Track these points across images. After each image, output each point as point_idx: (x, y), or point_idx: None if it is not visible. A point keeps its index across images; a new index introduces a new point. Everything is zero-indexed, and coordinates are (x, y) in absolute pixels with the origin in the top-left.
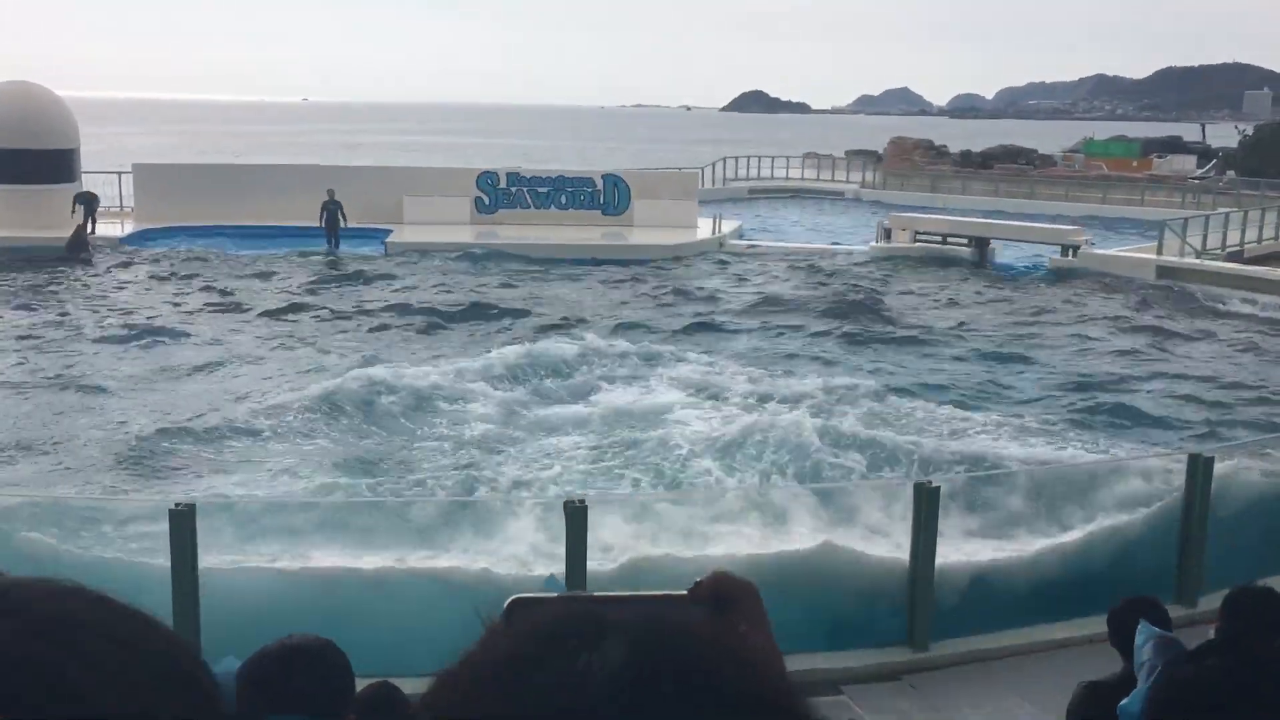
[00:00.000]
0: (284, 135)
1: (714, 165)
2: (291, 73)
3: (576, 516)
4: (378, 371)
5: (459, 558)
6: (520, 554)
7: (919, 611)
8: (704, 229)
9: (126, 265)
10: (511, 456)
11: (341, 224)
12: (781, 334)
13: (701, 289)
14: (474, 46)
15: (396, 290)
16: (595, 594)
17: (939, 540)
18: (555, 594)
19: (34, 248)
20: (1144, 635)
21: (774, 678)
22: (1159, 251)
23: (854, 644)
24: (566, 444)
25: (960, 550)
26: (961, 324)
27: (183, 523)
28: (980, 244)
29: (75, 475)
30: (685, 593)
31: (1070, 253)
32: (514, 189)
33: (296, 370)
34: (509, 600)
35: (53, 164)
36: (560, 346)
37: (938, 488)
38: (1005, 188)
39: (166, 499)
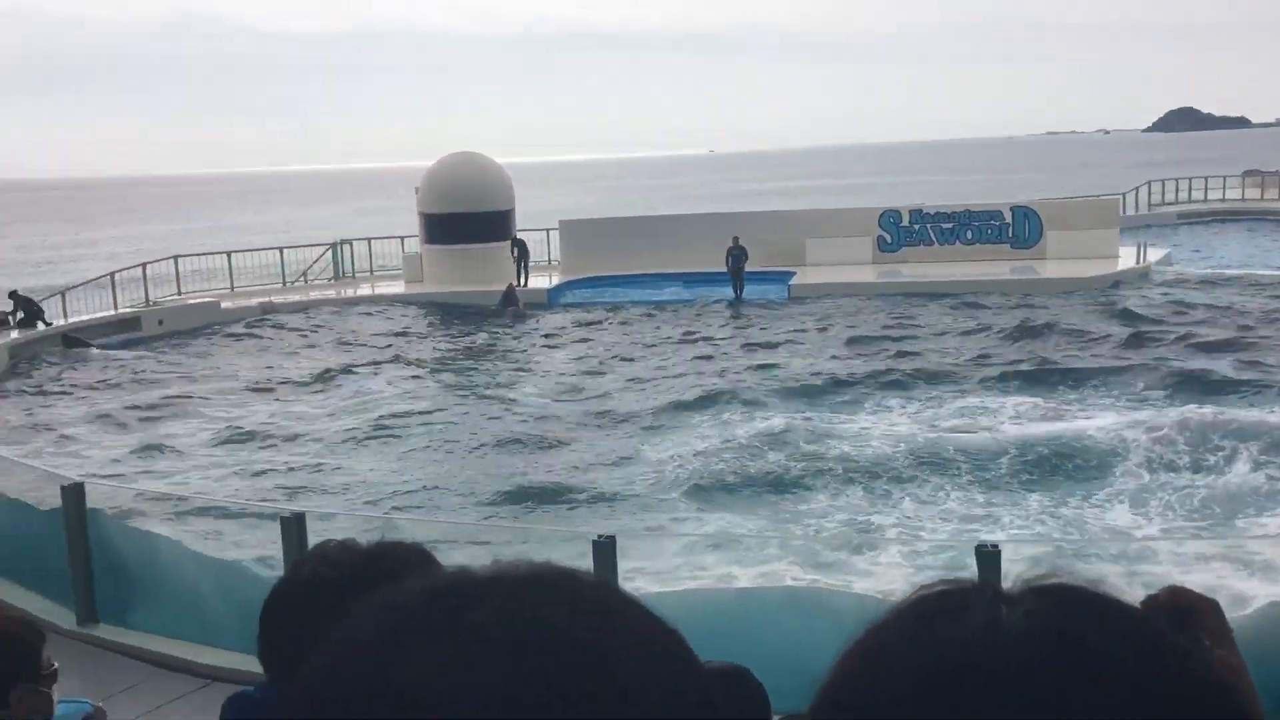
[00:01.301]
0: (692, 186)
1: (1137, 190)
2: (696, 127)
3: (989, 562)
4: (780, 410)
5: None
6: None
7: None
8: (1126, 259)
9: (552, 314)
10: (912, 494)
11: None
12: (1227, 369)
13: (1126, 322)
14: (876, 87)
15: (803, 331)
16: None
17: None
18: None
19: (474, 302)
20: None
21: (1224, 681)
22: None
23: None
24: (976, 480)
25: None
26: None
27: (604, 553)
28: None
29: (489, 509)
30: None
31: None
32: (917, 226)
33: (705, 411)
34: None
35: (492, 224)
36: (965, 385)
37: None
38: None
39: (590, 530)
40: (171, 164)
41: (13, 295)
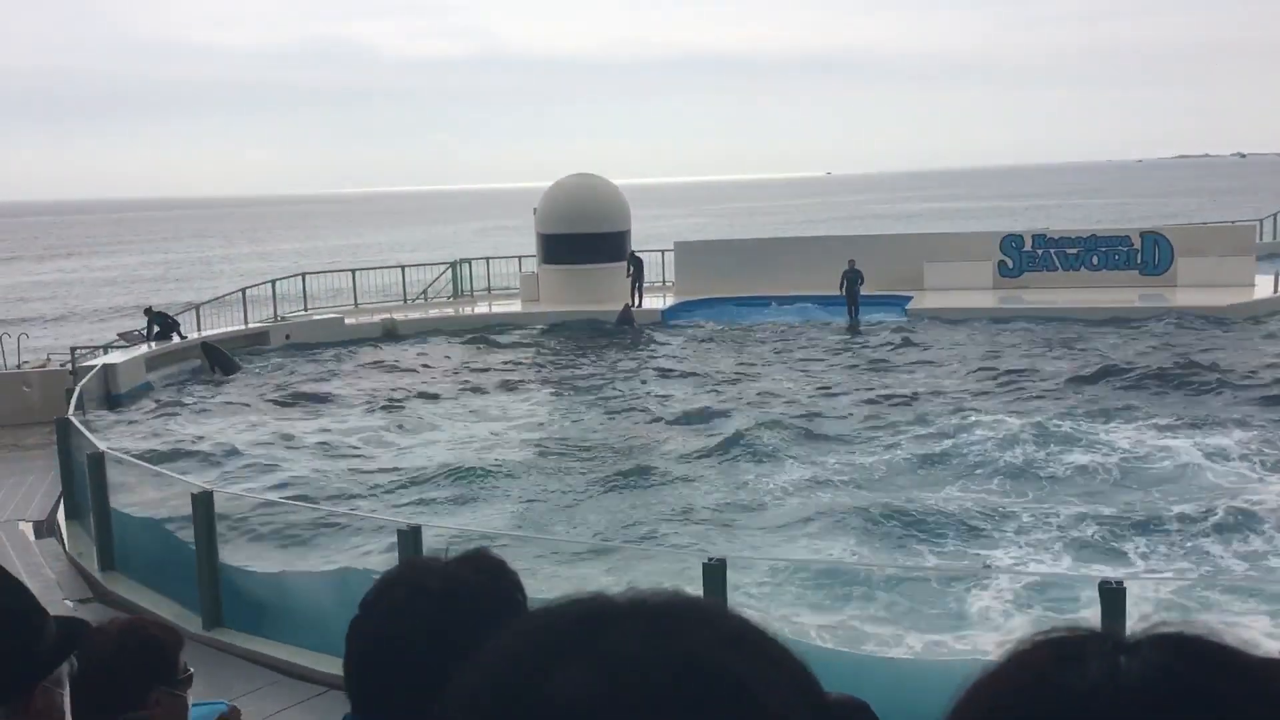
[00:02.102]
0: (809, 209)
1: (1275, 216)
2: (815, 149)
3: (1113, 599)
4: (893, 435)
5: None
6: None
7: None
8: (1263, 288)
9: (667, 335)
10: (1032, 525)
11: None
12: None
13: (1263, 354)
14: (1000, 109)
15: (919, 355)
16: None
17: None
18: None
19: (590, 320)
20: None
21: None
22: None
23: None
24: (1102, 512)
25: None
26: None
27: (714, 576)
28: None
29: (600, 527)
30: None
31: None
32: (1040, 251)
33: (817, 436)
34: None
35: (608, 245)
36: (1090, 415)
37: None
38: None
39: (701, 553)
40: (309, 184)
41: (148, 311)
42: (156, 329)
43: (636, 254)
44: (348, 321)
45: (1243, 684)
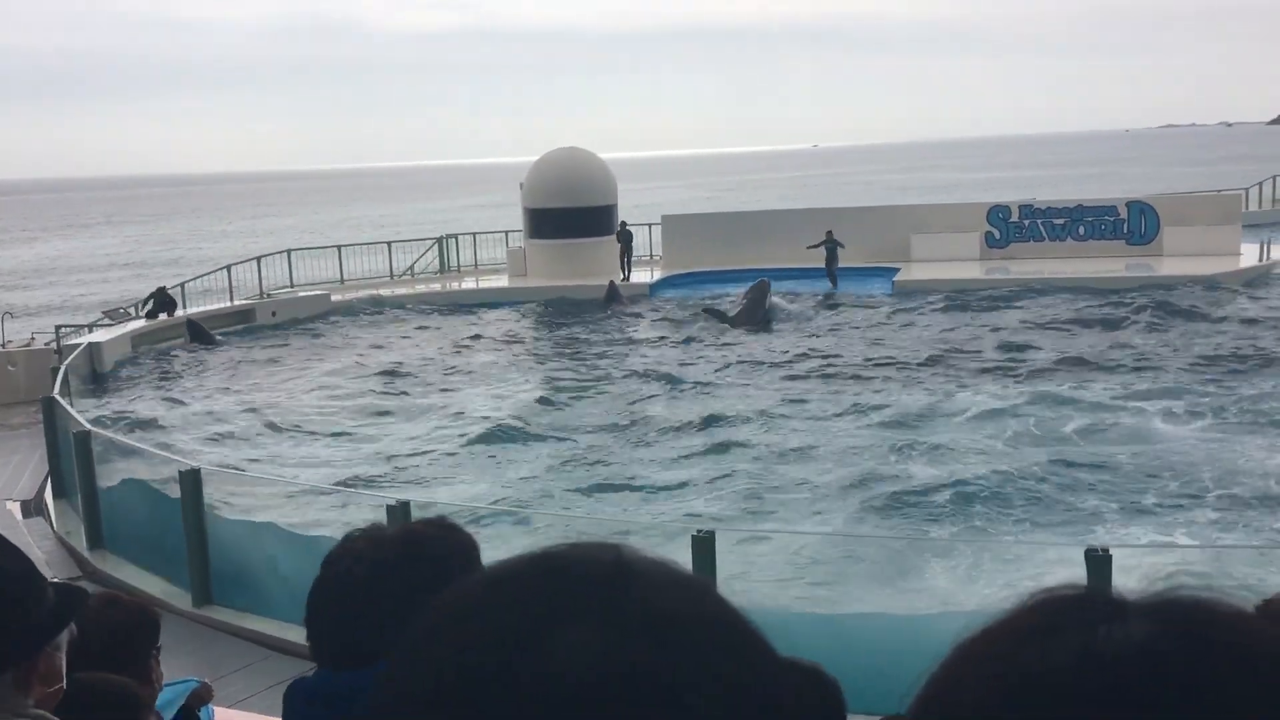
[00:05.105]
0: (795, 181)
1: (1261, 185)
2: (800, 121)
3: (1099, 567)
4: (880, 404)
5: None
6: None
7: None
8: (1249, 256)
9: (654, 309)
10: (1019, 495)
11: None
12: None
13: (1246, 324)
14: (984, 80)
15: (903, 328)
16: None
17: None
18: None
19: (576, 296)
20: None
21: None
22: None
23: None
24: (1089, 482)
25: None
26: None
27: (703, 548)
28: None
29: (587, 501)
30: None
31: None
32: (1027, 221)
33: (801, 406)
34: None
35: (595, 220)
36: (1074, 384)
37: None
38: None
39: (686, 525)
40: (303, 160)
41: (159, 291)
42: (150, 305)
43: (627, 226)
44: (334, 298)
45: (1236, 665)
